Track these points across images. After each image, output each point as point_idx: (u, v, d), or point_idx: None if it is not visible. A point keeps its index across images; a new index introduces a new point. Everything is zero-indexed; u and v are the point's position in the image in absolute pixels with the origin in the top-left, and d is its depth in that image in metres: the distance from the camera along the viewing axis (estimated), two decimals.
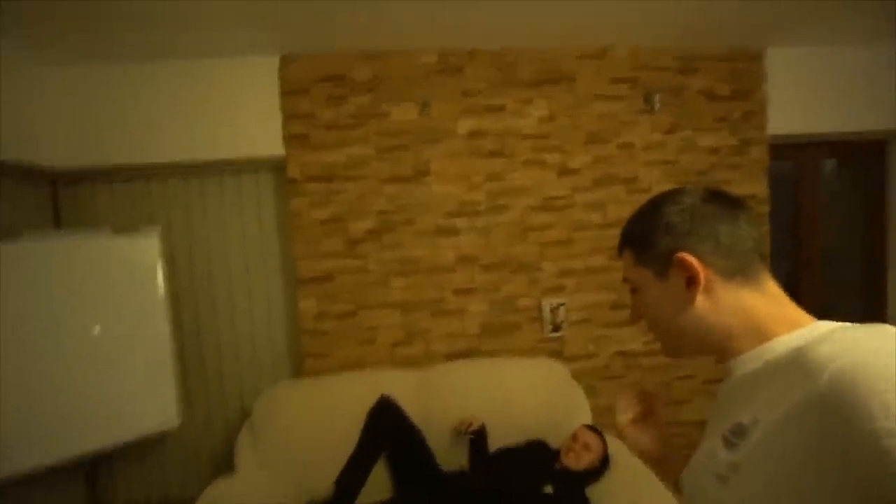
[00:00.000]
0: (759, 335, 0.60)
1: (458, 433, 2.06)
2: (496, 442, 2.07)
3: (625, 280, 0.72)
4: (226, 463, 2.21)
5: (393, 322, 2.40)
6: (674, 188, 0.70)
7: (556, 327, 2.48)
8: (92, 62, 2.19)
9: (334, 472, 1.98)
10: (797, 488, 0.48)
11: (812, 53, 2.59)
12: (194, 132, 2.27)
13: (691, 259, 0.62)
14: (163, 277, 2.11)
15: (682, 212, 0.65)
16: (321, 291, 2.36)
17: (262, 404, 2.15)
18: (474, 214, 2.43)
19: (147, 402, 2.06)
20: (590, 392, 2.35)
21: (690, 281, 0.63)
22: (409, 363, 2.39)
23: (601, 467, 1.91)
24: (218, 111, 2.28)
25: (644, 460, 0.83)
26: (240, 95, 2.29)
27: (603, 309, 2.51)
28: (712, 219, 0.64)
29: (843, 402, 0.45)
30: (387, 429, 2.05)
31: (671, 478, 0.77)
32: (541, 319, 2.48)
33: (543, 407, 2.16)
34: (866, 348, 0.48)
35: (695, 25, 2.28)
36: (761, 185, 2.58)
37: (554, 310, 2.48)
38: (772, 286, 0.64)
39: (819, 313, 0.60)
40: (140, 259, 2.07)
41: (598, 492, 1.88)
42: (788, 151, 2.77)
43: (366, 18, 1.99)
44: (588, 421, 2.16)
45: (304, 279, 2.35)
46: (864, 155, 2.90)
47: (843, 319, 0.57)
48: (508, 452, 2.03)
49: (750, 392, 0.58)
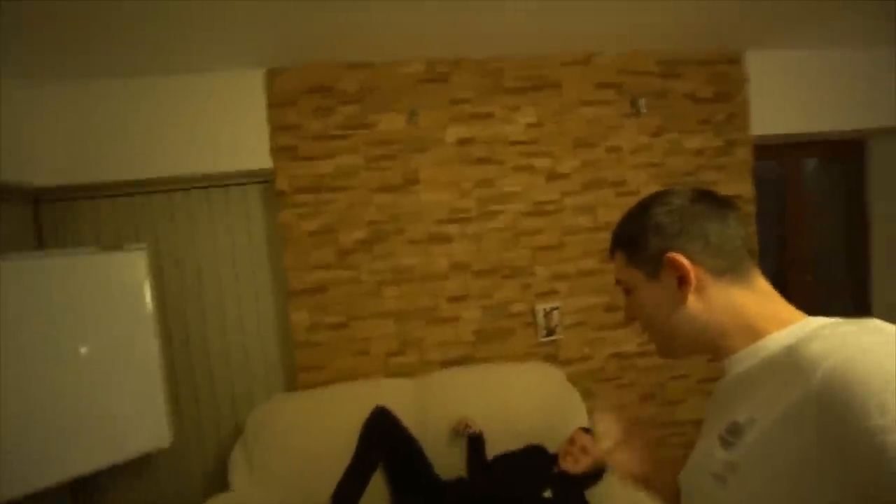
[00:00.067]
0: (752, 333, 0.60)
1: (457, 433, 2.06)
2: (494, 448, 2.06)
3: (617, 282, 0.73)
4: (219, 480, 2.17)
5: (387, 332, 2.39)
6: (662, 189, 0.71)
7: (551, 331, 2.49)
8: (75, 79, 2.17)
9: (331, 486, 1.95)
10: (796, 488, 0.48)
11: (790, 56, 2.65)
12: (181, 147, 2.26)
13: (682, 259, 0.62)
14: (151, 294, 2.08)
15: (671, 212, 0.65)
16: (313, 303, 2.34)
17: (256, 419, 2.12)
18: (465, 221, 2.44)
19: (138, 422, 2.02)
20: (586, 395, 2.36)
21: (682, 280, 0.63)
22: (404, 372, 2.38)
23: (600, 470, 1.91)
24: (204, 125, 2.27)
25: (633, 483, 0.81)
26: (226, 109, 2.28)
27: (597, 311, 2.53)
28: (701, 218, 0.64)
29: (838, 401, 0.45)
30: (383, 439, 2.03)
31: (665, 496, 0.76)
32: (535, 324, 2.49)
33: (540, 411, 2.16)
34: (857, 345, 0.48)
35: (676, 31, 2.32)
36: (747, 186, 2.62)
37: (547, 314, 2.48)
38: (762, 283, 0.64)
39: (806, 311, 0.61)
40: (127, 276, 2.04)
41: (598, 495, 1.87)
42: (772, 152, 2.82)
43: (352, 29, 2.00)
44: (585, 424, 2.15)
45: (296, 291, 2.33)
46: (845, 153, 2.96)
47: (831, 316, 0.57)
48: (506, 458, 2.02)
49: (745, 391, 0.59)
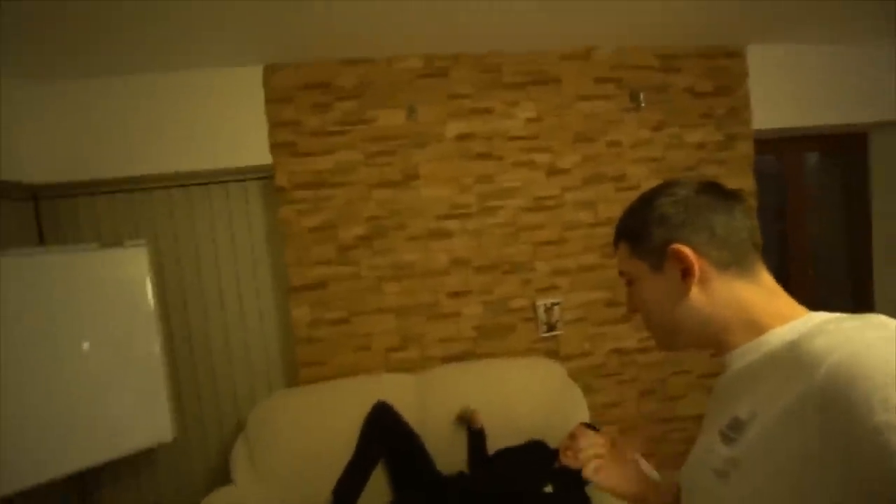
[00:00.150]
0: (754, 328, 0.60)
1: (463, 417, 2.07)
2: (494, 443, 2.06)
3: (621, 273, 0.72)
4: (221, 475, 2.18)
5: (387, 327, 2.39)
6: (668, 180, 0.69)
7: (551, 327, 2.49)
8: (75, 77, 2.16)
9: (332, 481, 1.96)
10: (798, 484, 0.48)
11: (792, 49, 2.63)
12: (179, 143, 2.25)
13: (686, 250, 0.62)
14: (152, 290, 2.08)
15: (676, 203, 0.64)
16: (314, 299, 2.34)
17: (258, 415, 2.13)
18: (465, 217, 2.43)
19: (140, 417, 2.03)
20: (587, 390, 2.36)
21: (685, 273, 0.62)
22: (405, 368, 2.38)
23: None
24: (203, 121, 2.26)
25: (621, 499, 0.79)
26: (225, 105, 2.27)
27: (597, 307, 2.52)
28: (707, 210, 0.63)
29: (842, 397, 0.44)
30: (384, 434, 2.03)
31: None
32: (535, 319, 2.48)
33: (541, 407, 2.16)
34: (861, 340, 0.48)
35: (676, 25, 2.31)
36: (748, 180, 2.61)
37: (548, 309, 2.48)
38: (766, 278, 0.63)
39: (807, 306, 0.60)
40: (128, 272, 2.05)
41: (599, 491, 1.87)
42: (773, 146, 2.81)
43: (349, 25, 1.99)
44: (586, 419, 2.16)
45: (297, 287, 2.33)
46: (846, 147, 2.94)
47: (833, 311, 0.57)
48: (507, 453, 2.03)
49: (746, 386, 0.58)
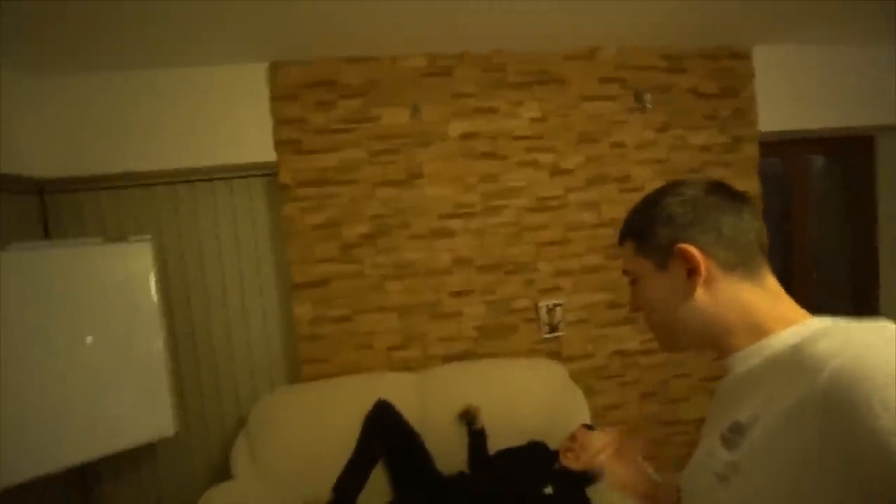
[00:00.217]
0: (757, 331, 0.59)
1: (465, 415, 2.06)
2: (495, 443, 2.06)
3: (625, 272, 0.71)
4: (222, 471, 2.18)
5: (390, 326, 2.39)
6: (675, 180, 0.69)
7: (554, 328, 2.48)
8: (79, 71, 2.17)
9: (333, 479, 1.96)
10: (799, 488, 0.47)
11: (799, 51, 2.62)
12: (184, 139, 2.26)
13: (693, 250, 0.61)
14: (155, 285, 2.09)
15: (685, 202, 0.64)
16: (317, 296, 2.34)
17: (259, 411, 2.14)
18: (469, 216, 2.43)
19: (142, 412, 2.03)
20: (588, 392, 2.35)
21: (691, 272, 0.62)
22: (407, 367, 2.38)
23: (601, 468, 1.90)
24: (208, 118, 2.27)
25: (625, 494, 0.79)
26: (230, 102, 2.28)
27: (600, 308, 2.52)
28: (715, 210, 0.63)
29: (845, 400, 0.44)
30: (384, 433, 2.03)
31: None
32: (538, 320, 2.48)
33: (542, 408, 2.16)
34: (864, 344, 0.47)
35: (681, 25, 2.30)
36: (753, 182, 2.60)
37: (551, 310, 2.48)
38: (771, 282, 0.63)
39: (811, 310, 0.60)
40: (132, 267, 2.05)
41: (599, 492, 1.87)
42: (778, 148, 2.79)
43: (353, 23, 1.99)
44: (587, 421, 2.15)
45: (299, 284, 2.33)
46: (853, 150, 2.92)
47: (836, 315, 0.57)
48: (508, 454, 2.02)
49: (748, 390, 0.58)
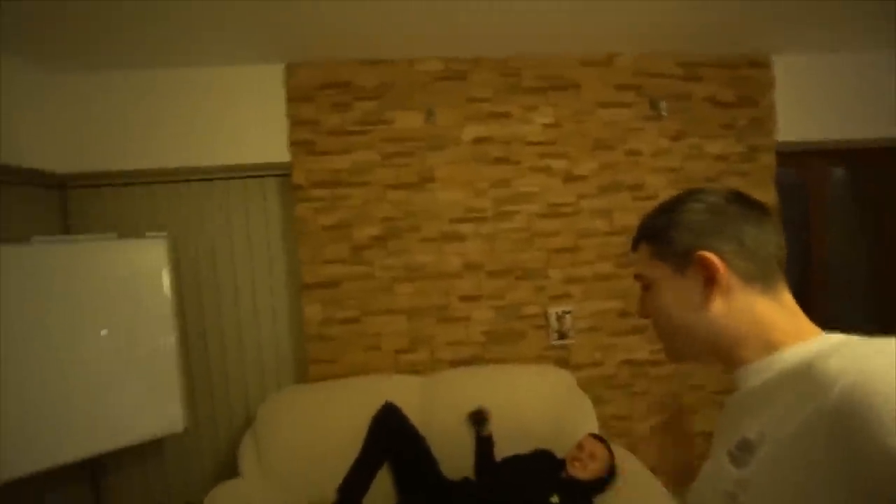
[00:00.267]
0: (768, 346, 0.58)
1: (479, 417, 2.05)
2: (501, 450, 2.04)
3: (637, 276, 0.70)
4: (229, 468, 2.20)
5: (398, 328, 2.39)
6: (695, 188, 0.68)
7: (563, 335, 2.46)
8: (102, 70, 2.22)
9: (338, 479, 1.97)
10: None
11: (819, 60, 2.57)
12: (202, 138, 2.29)
13: (714, 258, 0.60)
14: (169, 282, 2.12)
15: (707, 210, 0.63)
16: (326, 297, 2.36)
17: (266, 410, 2.15)
18: (480, 221, 2.42)
19: (152, 406, 2.06)
20: (597, 401, 2.32)
21: (709, 281, 0.61)
22: (414, 370, 2.38)
23: (608, 477, 1.88)
24: (225, 118, 2.30)
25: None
26: (246, 102, 2.31)
27: (610, 317, 2.49)
28: (739, 220, 0.62)
29: (856, 418, 0.43)
30: (390, 436, 2.03)
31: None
32: (547, 327, 2.46)
33: (549, 415, 2.14)
34: (876, 362, 0.46)
35: (698, 32, 2.27)
36: (769, 193, 2.55)
37: (560, 317, 2.46)
38: (787, 297, 0.62)
39: (827, 323, 0.59)
40: (147, 264, 2.09)
41: (606, 502, 1.85)
42: (797, 159, 2.74)
43: (369, 26, 2.01)
44: (595, 430, 2.13)
45: (310, 285, 2.35)
46: (875, 161, 2.86)
47: (852, 329, 0.55)
48: (514, 461, 2.01)
49: (757, 405, 0.57)
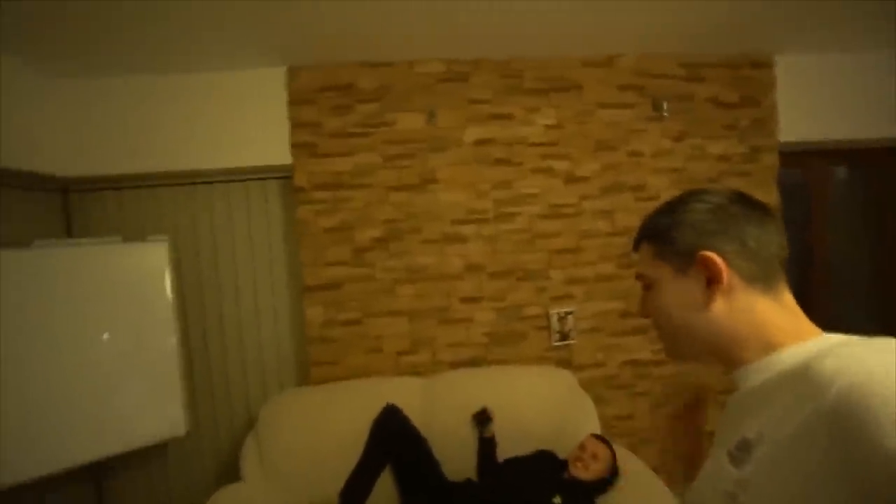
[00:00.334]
0: (768, 346, 0.59)
1: (483, 418, 2.05)
2: (503, 451, 2.04)
3: (638, 276, 0.70)
4: (232, 471, 2.20)
5: (399, 330, 2.39)
6: (698, 188, 0.68)
7: (564, 336, 2.46)
8: (104, 75, 2.23)
9: (340, 481, 1.97)
10: None
11: (822, 60, 2.57)
12: (204, 142, 2.30)
13: (717, 258, 0.60)
14: (171, 285, 2.12)
15: (710, 210, 0.63)
16: (328, 299, 2.36)
17: (268, 412, 2.15)
18: (481, 222, 2.42)
19: (153, 410, 2.06)
20: (599, 401, 2.32)
21: (711, 281, 0.61)
22: (416, 371, 2.38)
23: (610, 478, 1.88)
24: (226, 121, 2.30)
25: (670, 459, 0.78)
26: (248, 105, 2.32)
27: (612, 317, 2.49)
28: (742, 220, 0.62)
29: (853, 419, 0.44)
30: (392, 438, 2.03)
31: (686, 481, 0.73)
32: (548, 328, 2.46)
33: (551, 416, 2.14)
34: (873, 363, 0.47)
35: (700, 33, 2.27)
36: (771, 193, 2.55)
37: (562, 318, 2.46)
38: (788, 298, 0.62)
39: (830, 323, 0.59)
40: (148, 267, 2.09)
41: (608, 503, 1.85)
42: (799, 159, 2.74)
43: (371, 28, 2.01)
44: (597, 430, 2.13)
45: (311, 287, 2.35)
46: (877, 161, 2.86)
47: (855, 330, 0.55)
48: (516, 462, 2.01)
49: (756, 405, 0.57)
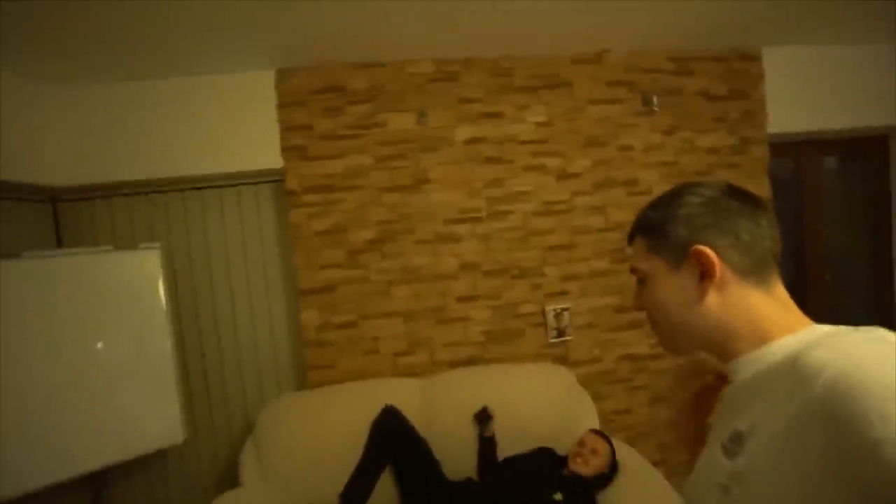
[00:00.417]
0: (760, 339, 0.59)
1: (484, 417, 2.05)
2: (503, 449, 2.04)
3: (632, 270, 0.70)
4: (230, 477, 2.19)
5: (396, 331, 2.39)
6: (692, 181, 0.68)
7: (561, 332, 2.47)
8: (91, 81, 2.20)
9: (339, 484, 1.96)
10: (801, 497, 0.47)
11: (809, 51, 2.59)
12: (193, 147, 2.28)
13: (709, 252, 0.60)
14: (164, 292, 2.10)
15: (703, 204, 0.63)
16: (323, 302, 2.35)
17: (266, 417, 2.14)
18: (475, 221, 2.42)
19: (150, 418, 2.04)
20: (596, 397, 2.33)
21: (704, 275, 0.61)
22: (413, 372, 2.37)
23: (610, 473, 1.88)
24: (216, 126, 2.29)
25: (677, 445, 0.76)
26: (237, 109, 2.30)
27: (608, 312, 2.50)
28: (735, 214, 0.62)
29: (841, 411, 0.44)
30: (391, 439, 2.03)
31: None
32: (545, 325, 2.46)
33: (549, 413, 2.14)
34: (859, 353, 0.47)
35: (689, 27, 2.28)
36: (762, 184, 2.57)
37: (558, 315, 2.46)
38: (781, 291, 0.63)
39: (825, 314, 0.59)
40: (141, 275, 2.07)
41: (609, 498, 1.85)
42: (791, 149, 2.76)
43: (360, 29, 2.00)
44: (595, 426, 2.14)
45: (306, 290, 2.34)
46: (867, 151, 2.89)
47: (851, 320, 0.56)
48: (516, 460, 2.01)
49: (749, 398, 0.57)
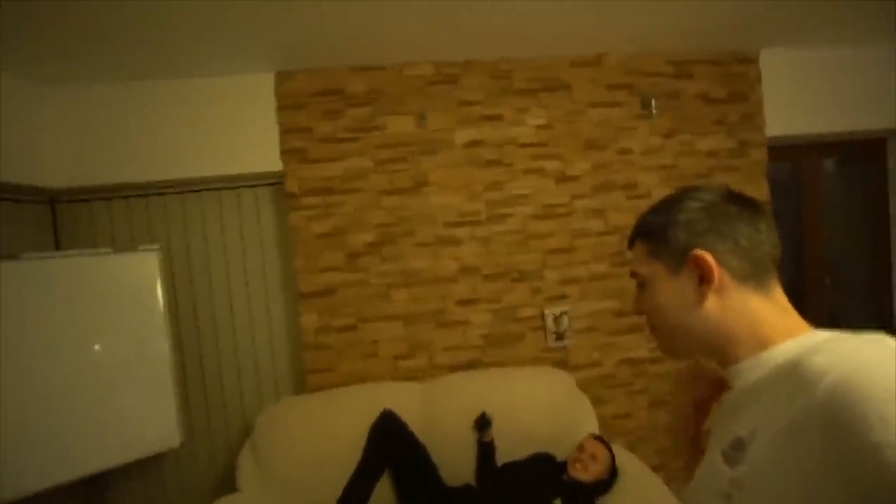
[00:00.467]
0: (760, 344, 0.59)
1: (483, 422, 2.03)
2: (502, 454, 2.03)
3: (632, 274, 0.70)
4: (228, 481, 2.17)
5: (395, 335, 2.38)
6: (692, 185, 0.69)
7: (560, 336, 2.46)
8: (90, 82, 2.20)
9: (338, 489, 1.95)
10: (802, 502, 0.47)
11: (807, 54, 2.60)
12: (193, 149, 2.28)
13: (708, 257, 0.61)
14: (162, 295, 2.10)
15: (703, 209, 0.63)
16: (322, 305, 2.34)
17: (265, 421, 2.13)
18: (474, 224, 2.42)
19: (148, 422, 2.04)
20: (596, 401, 2.32)
21: (703, 279, 0.61)
22: (412, 376, 2.37)
23: (609, 478, 1.88)
24: (216, 128, 2.29)
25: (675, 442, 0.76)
26: (237, 112, 2.30)
27: (607, 316, 2.49)
28: (734, 219, 0.62)
29: (841, 415, 0.44)
30: (390, 444, 2.02)
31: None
32: (544, 328, 2.46)
33: (549, 417, 2.13)
34: (860, 358, 0.47)
35: (688, 30, 2.29)
36: (761, 187, 2.57)
37: (557, 318, 2.46)
38: (780, 295, 0.63)
39: (824, 318, 0.59)
40: (140, 277, 2.07)
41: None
42: (790, 152, 2.76)
43: (360, 32, 2.01)
44: (595, 430, 2.13)
45: (305, 293, 2.33)
46: (865, 153, 2.89)
47: (850, 323, 0.56)
48: (515, 466, 2.00)
49: (748, 404, 0.57)
